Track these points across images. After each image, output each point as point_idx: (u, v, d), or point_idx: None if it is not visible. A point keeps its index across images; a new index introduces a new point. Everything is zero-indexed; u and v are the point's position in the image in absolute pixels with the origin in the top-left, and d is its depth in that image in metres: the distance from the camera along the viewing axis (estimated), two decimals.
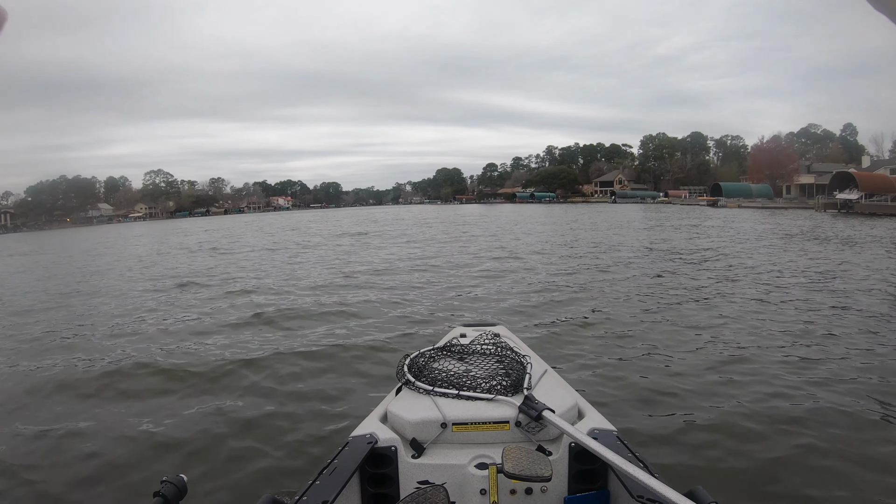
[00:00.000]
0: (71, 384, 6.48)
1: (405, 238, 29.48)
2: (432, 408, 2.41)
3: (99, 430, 5.00)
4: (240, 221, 71.95)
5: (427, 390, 2.54)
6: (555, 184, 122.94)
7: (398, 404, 2.52)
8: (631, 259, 16.45)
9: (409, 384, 2.64)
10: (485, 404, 2.40)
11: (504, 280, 12.96)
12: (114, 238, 47.63)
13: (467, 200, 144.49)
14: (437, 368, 2.70)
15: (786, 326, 7.78)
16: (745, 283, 11.69)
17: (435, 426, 2.35)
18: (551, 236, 27.00)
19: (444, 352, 2.99)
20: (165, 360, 7.09)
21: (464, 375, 2.59)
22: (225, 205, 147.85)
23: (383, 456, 2.32)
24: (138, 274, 18.13)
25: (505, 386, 2.48)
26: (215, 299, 11.99)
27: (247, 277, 15.49)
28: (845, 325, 7.81)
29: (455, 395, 2.47)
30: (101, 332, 9.27)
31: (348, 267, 17.02)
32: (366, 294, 11.62)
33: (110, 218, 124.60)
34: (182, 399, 5.79)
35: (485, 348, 2.98)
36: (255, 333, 8.55)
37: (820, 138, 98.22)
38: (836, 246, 18.69)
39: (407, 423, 2.38)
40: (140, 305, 11.71)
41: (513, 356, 2.83)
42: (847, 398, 5.07)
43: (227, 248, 27.50)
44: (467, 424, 2.34)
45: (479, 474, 2.21)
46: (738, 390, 5.37)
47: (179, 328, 9.17)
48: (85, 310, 11.54)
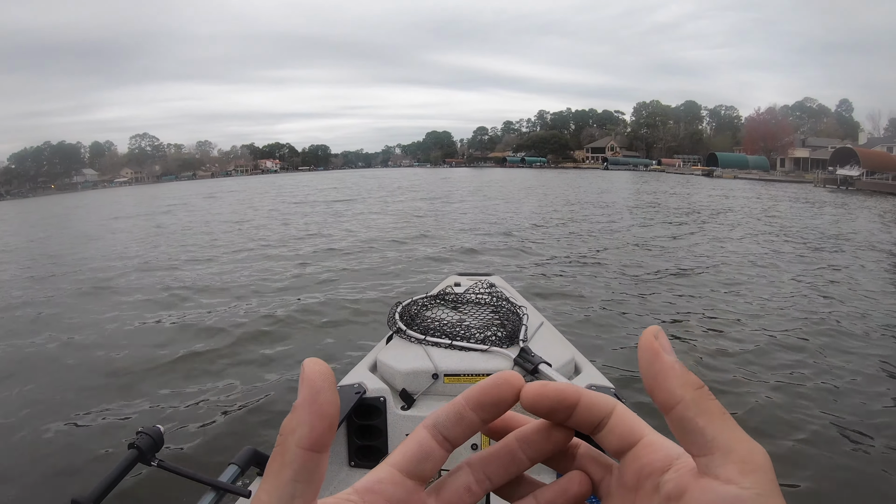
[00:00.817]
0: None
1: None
2: (424, 358, 2.33)
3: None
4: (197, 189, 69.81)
5: (419, 339, 2.44)
6: (546, 149, 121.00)
7: (388, 353, 2.45)
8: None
9: (400, 332, 2.54)
10: (479, 355, 2.31)
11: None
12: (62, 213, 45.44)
13: (457, 164, 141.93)
14: (430, 317, 2.61)
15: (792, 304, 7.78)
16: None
17: (426, 377, 2.27)
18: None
19: (437, 300, 2.88)
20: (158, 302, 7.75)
21: (457, 325, 2.49)
22: (212, 168, 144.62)
23: (372, 407, 2.25)
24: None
25: (500, 337, 2.38)
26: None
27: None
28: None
29: (448, 345, 2.37)
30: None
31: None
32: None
33: (95, 184, 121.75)
34: (165, 348, 5.88)
35: (480, 297, 2.86)
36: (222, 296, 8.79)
37: (815, 112, 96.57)
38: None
39: (397, 372, 2.31)
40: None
41: (508, 307, 2.74)
42: (843, 378, 5.10)
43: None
44: (460, 376, 2.25)
45: None
46: (736, 356, 5.47)
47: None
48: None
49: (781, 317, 7.07)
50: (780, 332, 6.42)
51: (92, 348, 6.49)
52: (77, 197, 76.37)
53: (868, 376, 5.21)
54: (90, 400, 4.79)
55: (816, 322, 6.87)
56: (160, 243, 17.33)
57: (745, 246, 13.26)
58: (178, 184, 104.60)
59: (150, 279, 10.84)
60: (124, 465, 1.54)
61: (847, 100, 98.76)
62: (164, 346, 6.21)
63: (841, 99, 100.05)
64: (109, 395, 4.94)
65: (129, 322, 7.56)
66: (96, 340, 6.80)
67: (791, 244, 13.56)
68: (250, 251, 14.20)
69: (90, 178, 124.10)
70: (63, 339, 6.95)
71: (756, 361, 5.48)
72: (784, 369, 5.29)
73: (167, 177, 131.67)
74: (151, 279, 10.82)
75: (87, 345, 6.65)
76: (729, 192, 36.60)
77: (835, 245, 13.69)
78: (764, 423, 4.27)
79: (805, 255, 12.07)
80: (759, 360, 5.52)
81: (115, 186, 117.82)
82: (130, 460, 1.55)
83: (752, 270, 10.27)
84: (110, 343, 6.66)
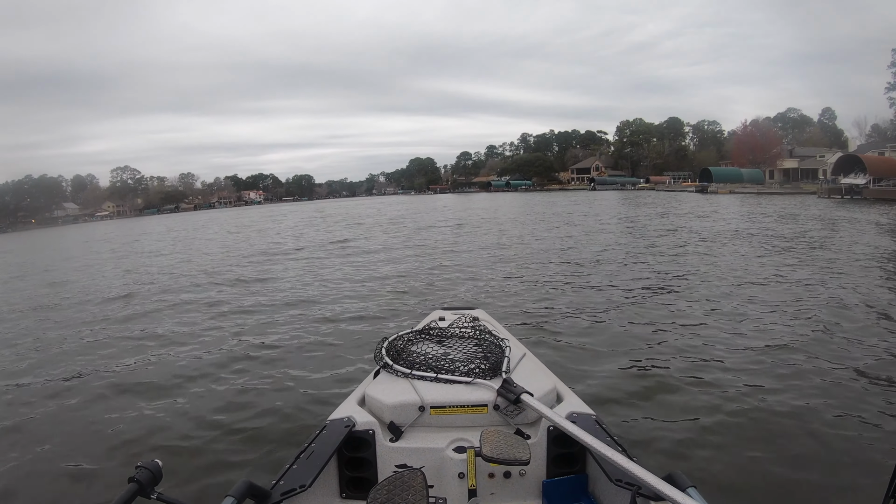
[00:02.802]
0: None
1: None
2: (410, 391, 2.34)
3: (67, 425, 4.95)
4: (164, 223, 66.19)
5: (405, 373, 2.46)
6: (530, 171, 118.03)
7: (376, 387, 2.45)
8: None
9: (386, 367, 2.55)
10: (463, 387, 2.33)
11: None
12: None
13: (441, 190, 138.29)
14: (416, 352, 2.64)
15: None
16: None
17: (413, 409, 2.29)
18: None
19: (422, 335, 2.89)
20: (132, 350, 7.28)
21: (442, 359, 2.52)
22: (195, 200, 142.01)
23: (361, 439, 2.26)
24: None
25: (483, 369, 2.40)
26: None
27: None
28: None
29: (433, 378, 2.39)
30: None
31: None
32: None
33: (76, 218, 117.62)
34: (155, 389, 5.71)
35: (463, 331, 2.90)
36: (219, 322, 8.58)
37: (797, 123, 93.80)
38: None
39: (385, 406, 2.31)
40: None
41: (491, 339, 2.78)
42: (827, 389, 4.89)
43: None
44: (445, 408, 2.27)
45: (458, 458, 2.15)
46: (718, 376, 5.26)
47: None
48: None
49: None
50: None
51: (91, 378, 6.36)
52: (47, 233, 72.22)
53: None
54: (86, 437, 4.73)
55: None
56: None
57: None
58: (158, 217, 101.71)
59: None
60: (124, 498, 1.55)
61: (830, 108, 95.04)
62: (158, 377, 6.11)
63: (824, 108, 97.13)
64: (106, 428, 4.85)
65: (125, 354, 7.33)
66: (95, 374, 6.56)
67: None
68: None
69: (71, 213, 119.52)
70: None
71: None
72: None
73: (149, 210, 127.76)
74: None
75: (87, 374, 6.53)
76: (733, 210, 33.10)
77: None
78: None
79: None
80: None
81: (95, 221, 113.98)
82: (131, 494, 1.57)
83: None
84: (106, 374, 6.48)
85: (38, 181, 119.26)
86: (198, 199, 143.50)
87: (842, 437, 3.99)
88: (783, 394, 4.79)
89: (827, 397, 4.70)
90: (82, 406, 5.50)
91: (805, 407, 4.52)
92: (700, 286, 9.62)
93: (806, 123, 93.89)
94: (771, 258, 12.53)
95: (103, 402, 5.56)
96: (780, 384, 5.00)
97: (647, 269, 11.61)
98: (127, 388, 5.86)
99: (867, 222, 21.10)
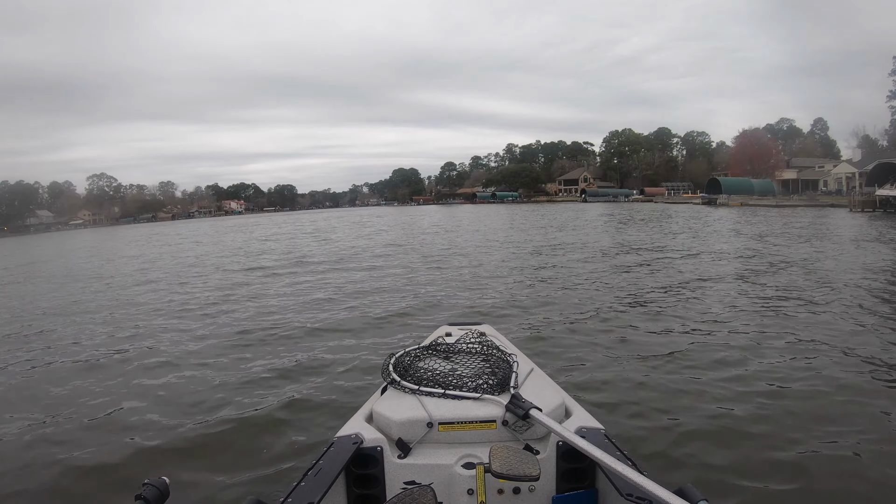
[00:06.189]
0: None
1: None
2: (418, 407, 2.24)
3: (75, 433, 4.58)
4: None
5: (413, 390, 2.35)
6: (517, 183, 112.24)
7: (383, 404, 2.36)
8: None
9: (394, 384, 2.45)
10: (471, 403, 2.24)
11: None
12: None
13: (425, 202, 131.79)
14: (423, 368, 2.51)
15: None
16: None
17: (421, 426, 2.19)
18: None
19: (429, 351, 2.77)
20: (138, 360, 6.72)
21: (449, 374, 2.42)
22: (173, 210, 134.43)
23: (369, 456, 2.18)
24: None
25: (491, 385, 2.30)
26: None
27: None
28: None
29: (441, 394, 2.29)
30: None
31: None
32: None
33: (49, 226, 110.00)
34: (161, 403, 5.29)
35: (470, 347, 2.76)
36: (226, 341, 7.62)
37: (788, 134, 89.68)
38: None
39: (393, 422, 2.22)
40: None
41: (499, 355, 2.63)
42: (841, 394, 4.49)
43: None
44: (454, 424, 2.18)
45: (467, 474, 2.07)
46: (729, 387, 4.83)
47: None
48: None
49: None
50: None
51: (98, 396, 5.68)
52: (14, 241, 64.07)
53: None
54: (90, 452, 4.28)
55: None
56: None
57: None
58: (133, 227, 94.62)
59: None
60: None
61: (822, 119, 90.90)
62: (164, 396, 5.56)
63: (816, 118, 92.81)
64: (112, 444, 4.41)
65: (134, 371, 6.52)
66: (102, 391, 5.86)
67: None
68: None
69: (45, 220, 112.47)
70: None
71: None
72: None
73: (126, 219, 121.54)
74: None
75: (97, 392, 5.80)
76: (773, 228, 27.95)
77: None
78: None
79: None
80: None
81: (70, 229, 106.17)
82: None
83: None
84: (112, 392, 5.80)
85: (13, 187, 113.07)
86: (176, 208, 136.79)
87: (871, 454, 3.50)
88: (804, 402, 4.39)
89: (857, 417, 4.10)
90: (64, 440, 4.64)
91: (827, 419, 4.08)
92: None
93: (796, 134, 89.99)
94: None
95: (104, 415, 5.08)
96: (804, 399, 4.49)
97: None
98: (132, 405, 5.28)
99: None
